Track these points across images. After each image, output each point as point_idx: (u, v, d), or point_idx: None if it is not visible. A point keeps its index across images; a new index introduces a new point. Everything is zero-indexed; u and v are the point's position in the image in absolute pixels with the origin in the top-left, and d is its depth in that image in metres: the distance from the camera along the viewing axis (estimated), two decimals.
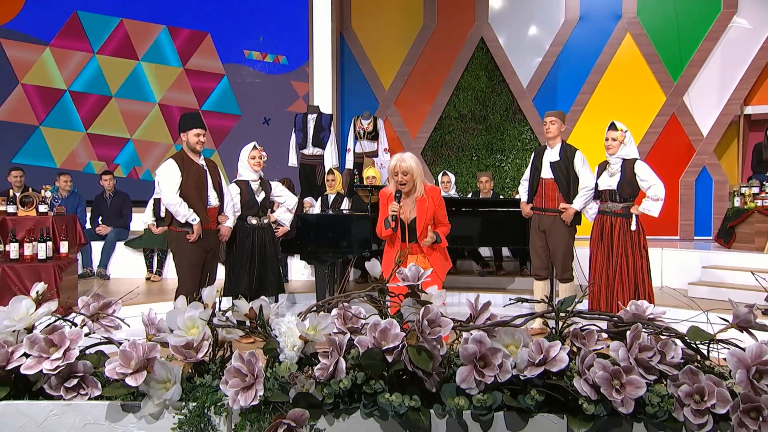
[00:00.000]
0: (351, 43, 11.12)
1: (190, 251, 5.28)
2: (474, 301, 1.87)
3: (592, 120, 10.28)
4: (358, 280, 8.60)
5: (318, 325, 1.83)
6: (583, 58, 10.51)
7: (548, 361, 1.75)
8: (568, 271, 6.02)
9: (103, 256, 8.79)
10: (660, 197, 5.48)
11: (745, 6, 10.05)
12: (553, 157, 6.00)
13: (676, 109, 10.25)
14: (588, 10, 10.52)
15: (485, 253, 8.81)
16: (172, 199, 5.19)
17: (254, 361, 1.74)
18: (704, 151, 10.20)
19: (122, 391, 1.78)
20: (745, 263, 7.48)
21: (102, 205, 9.22)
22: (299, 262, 8.69)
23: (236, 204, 5.79)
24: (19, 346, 1.83)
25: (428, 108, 10.99)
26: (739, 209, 8.16)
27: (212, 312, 1.87)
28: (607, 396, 1.67)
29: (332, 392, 1.75)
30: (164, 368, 1.80)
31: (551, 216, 5.99)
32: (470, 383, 1.75)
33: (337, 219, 6.85)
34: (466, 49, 10.87)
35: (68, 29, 10.83)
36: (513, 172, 10.78)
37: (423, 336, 1.74)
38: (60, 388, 1.80)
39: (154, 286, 8.18)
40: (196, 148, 5.31)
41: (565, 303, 1.86)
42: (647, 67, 10.32)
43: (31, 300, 1.88)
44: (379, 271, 1.95)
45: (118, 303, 1.95)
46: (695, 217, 10.23)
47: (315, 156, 9.41)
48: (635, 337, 1.74)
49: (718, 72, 10.17)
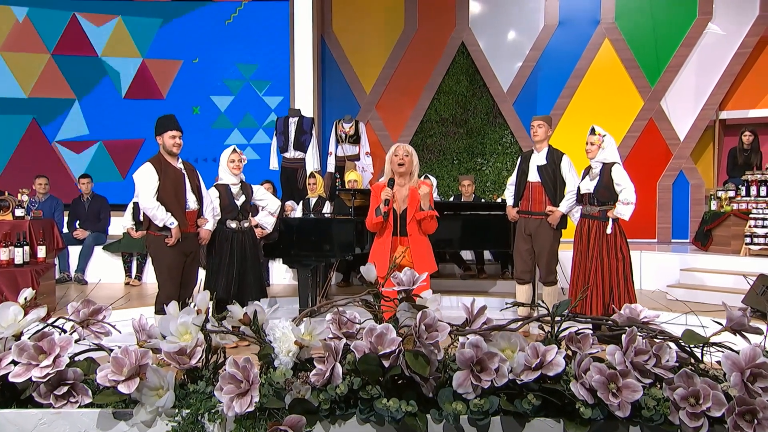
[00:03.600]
0: (332, 46, 11.10)
1: (169, 255, 5.22)
2: (470, 306, 1.87)
3: (571, 124, 10.37)
4: (340, 284, 8.57)
5: (313, 331, 1.82)
6: (563, 63, 10.60)
7: (545, 365, 1.75)
8: (551, 275, 6.05)
9: (81, 261, 8.66)
10: (630, 201, 5.52)
11: (719, 12, 10.21)
12: (540, 161, 6.04)
13: (653, 114, 10.38)
14: (567, 15, 10.61)
15: (467, 257, 8.83)
16: (149, 202, 5.13)
17: (249, 367, 1.72)
18: (681, 155, 10.33)
19: (114, 399, 1.75)
20: (722, 266, 7.58)
21: (79, 209, 9.08)
22: (281, 265, 8.65)
23: (216, 207, 5.73)
24: (7, 354, 1.79)
25: (409, 112, 11.01)
26: (716, 212, 8.26)
27: (205, 317, 1.84)
28: (604, 400, 1.68)
29: (328, 398, 1.74)
30: (157, 375, 1.77)
31: (537, 219, 6.02)
32: (467, 388, 1.74)
33: (319, 223, 6.84)
34: (447, 53, 10.90)
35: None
36: (494, 176, 10.83)
37: (420, 341, 1.73)
38: (49, 396, 1.77)
39: (133, 291, 8.08)
40: (172, 150, 5.25)
41: (560, 307, 1.86)
42: (625, 72, 10.43)
43: (18, 306, 1.85)
44: (374, 275, 1.94)
45: (108, 309, 1.92)
46: (672, 220, 10.36)
47: (296, 159, 9.39)
48: (631, 341, 1.75)
49: (694, 77, 10.31)
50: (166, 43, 10.79)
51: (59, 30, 10.65)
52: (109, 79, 10.75)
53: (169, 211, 5.16)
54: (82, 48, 10.69)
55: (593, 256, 5.54)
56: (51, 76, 10.63)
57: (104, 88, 10.74)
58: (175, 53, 10.77)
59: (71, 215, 9.10)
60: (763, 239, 7.44)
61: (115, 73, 10.77)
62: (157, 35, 10.78)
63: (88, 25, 10.67)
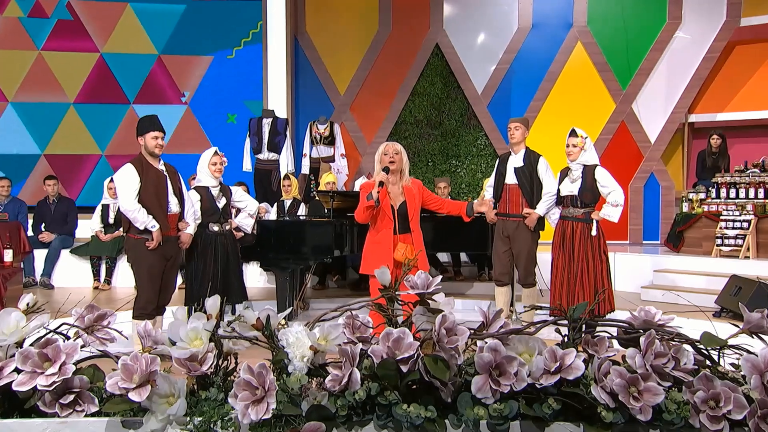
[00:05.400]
0: (306, 47, 11.02)
1: (149, 259, 5.10)
2: (487, 309, 1.85)
3: (545, 126, 10.45)
4: (316, 287, 8.50)
5: (329, 335, 1.78)
6: (536, 66, 10.68)
7: (563, 368, 1.73)
8: (530, 276, 6.08)
9: (47, 265, 8.40)
10: (620, 203, 5.57)
11: (688, 17, 10.37)
12: (517, 162, 6.06)
13: (625, 117, 10.51)
14: (540, 18, 10.69)
15: (443, 259, 8.83)
16: (130, 205, 5.00)
17: (265, 373, 1.67)
18: (652, 157, 10.48)
19: (123, 407, 1.69)
20: (694, 267, 7.70)
21: (45, 212, 8.80)
22: (255, 268, 8.54)
23: (197, 211, 5.64)
24: (9, 362, 1.72)
25: (384, 113, 10.98)
26: (688, 214, 8.39)
27: (216, 323, 1.79)
28: (626, 403, 1.66)
29: (346, 404, 1.70)
30: (167, 382, 1.71)
31: (515, 221, 6.04)
32: (486, 392, 1.72)
33: (298, 225, 6.77)
34: (422, 55, 10.90)
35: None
36: (468, 178, 10.86)
37: (440, 345, 1.71)
38: (55, 404, 1.70)
39: (102, 296, 7.90)
40: (154, 152, 5.13)
41: (577, 310, 1.85)
42: (597, 75, 10.55)
43: (20, 312, 1.77)
44: (388, 279, 1.90)
45: (113, 315, 1.86)
46: (644, 222, 10.49)
47: (270, 161, 9.30)
48: (650, 344, 1.74)
49: (664, 81, 10.47)
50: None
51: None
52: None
53: (150, 214, 5.04)
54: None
55: (580, 259, 5.56)
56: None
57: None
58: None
59: (36, 218, 8.81)
60: (733, 240, 7.58)
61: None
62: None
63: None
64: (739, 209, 7.65)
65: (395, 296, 1.89)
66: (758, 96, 10.24)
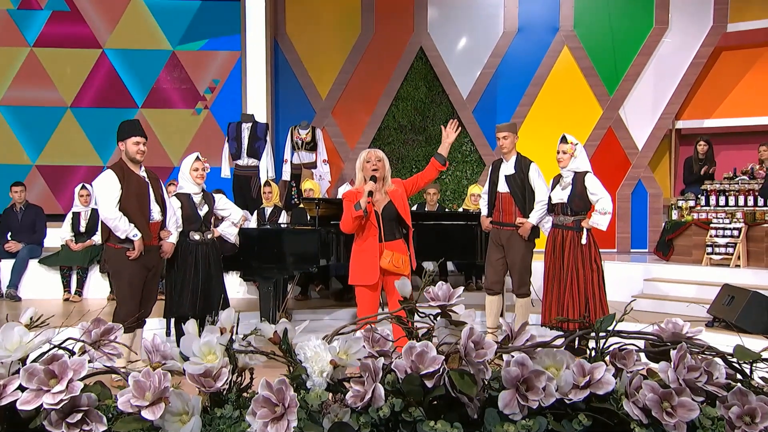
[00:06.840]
0: (286, 50, 10.86)
1: (130, 269, 4.96)
2: (511, 322, 1.78)
3: (531, 132, 10.40)
4: (298, 297, 8.37)
5: (349, 349, 1.70)
6: (522, 70, 10.65)
7: (593, 383, 1.67)
8: (524, 286, 6.02)
9: (14, 276, 8.11)
10: (608, 210, 5.55)
11: (675, 23, 10.41)
12: (508, 170, 6.02)
13: (612, 123, 10.53)
14: (526, 22, 10.67)
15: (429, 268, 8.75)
16: (110, 213, 4.85)
17: (285, 389, 1.59)
18: (639, 164, 10.50)
19: (135, 426, 1.60)
20: (685, 276, 7.69)
21: (12, 220, 8.47)
22: (235, 278, 8.32)
23: (178, 219, 5.50)
24: (13, 379, 1.62)
25: (367, 118, 10.87)
26: (677, 222, 8.40)
27: (231, 337, 1.71)
28: (660, 419, 1.61)
29: (369, 421, 1.63)
30: (180, 399, 1.63)
31: (508, 230, 5.98)
32: (513, 408, 1.65)
33: (282, 233, 6.60)
34: (405, 58, 10.81)
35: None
36: (453, 185, 10.81)
37: (468, 359, 1.64)
38: (62, 424, 1.60)
39: (74, 308, 7.58)
40: (136, 158, 4.99)
41: (604, 322, 1.79)
42: (584, 80, 10.55)
43: (23, 327, 1.68)
44: (409, 290, 1.83)
45: (120, 329, 1.77)
46: (632, 230, 10.48)
47: (250, 167, 9.15)
48: (681, 357, 1.69)
49: (651, 86, 10.50)
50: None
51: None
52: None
53: (131, 222, 4.90)
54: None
55: (569, 267, 5.53)
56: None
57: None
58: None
59: (2, 226, 8.51)
60: (724, 249, 7.58)
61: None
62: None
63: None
64: (729, 217, 7.66)
65: (415, 308, 1.82)
66: (745, 102, 10.30)
